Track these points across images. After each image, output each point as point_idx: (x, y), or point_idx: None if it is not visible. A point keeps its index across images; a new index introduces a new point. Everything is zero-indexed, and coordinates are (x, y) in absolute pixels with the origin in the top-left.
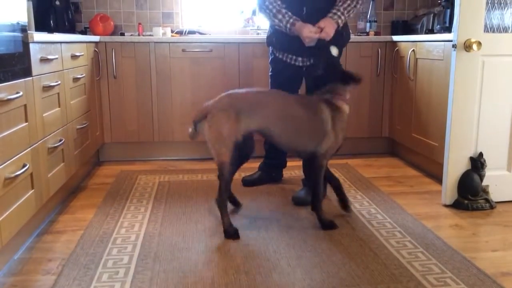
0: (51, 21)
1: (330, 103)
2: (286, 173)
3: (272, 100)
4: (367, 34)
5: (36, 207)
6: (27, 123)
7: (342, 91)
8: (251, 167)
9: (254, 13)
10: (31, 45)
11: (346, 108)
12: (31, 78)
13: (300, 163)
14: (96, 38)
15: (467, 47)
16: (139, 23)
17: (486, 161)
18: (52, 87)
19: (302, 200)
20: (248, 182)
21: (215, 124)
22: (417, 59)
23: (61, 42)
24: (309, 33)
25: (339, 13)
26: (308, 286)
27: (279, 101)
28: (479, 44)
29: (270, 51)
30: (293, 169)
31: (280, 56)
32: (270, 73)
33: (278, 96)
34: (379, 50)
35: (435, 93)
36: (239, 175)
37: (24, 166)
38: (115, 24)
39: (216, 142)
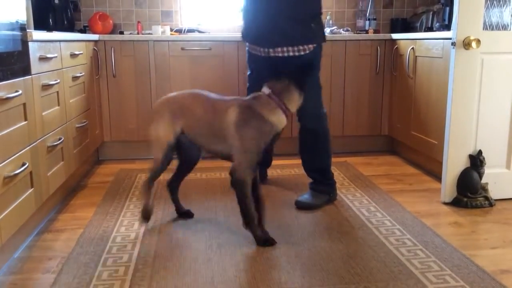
0: (50, 20)
1: (249, 108)
2: (290, 172)
3: (193, 103)
4: (366, 32)
5: (36, 205)
6: (26, 122)
7: (290, 100)
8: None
9: None
10: (30, 44)
11: (273, 118)
12: (30, 76)
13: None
14: (95, 37)
15: (466, 44)
16: (138, 22)
17: (485, 159)
18: (51, 85)
19: (305, 205)
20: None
21: (152, 125)
22: (416, 57)
23: (60, 41)
24: None
25: None
26: (307, 284)
27: (198, 104)
28: (478, 41)
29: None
30: (293, 167)
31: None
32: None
33: (200, 99)
34: (378, 48)
35: (434, 91)
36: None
37: (23, 164)
38: (114, 22)
39: (152, 142)
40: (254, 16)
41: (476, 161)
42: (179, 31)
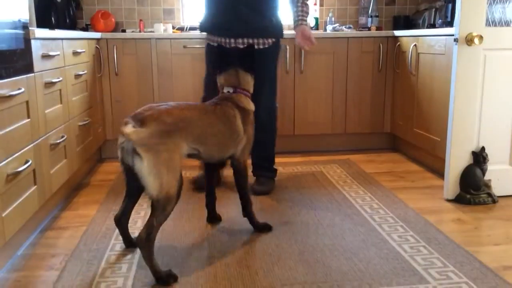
0: (52, 18)
1: (239, 106)
2: (292, 170)
3: (195, 117)
4: (369, 29)
5: (39, 203)
6: (29, 120)
7: (247, 84)
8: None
9: None
10: (32, 42)
11: (252, 107)
12: (33, 74)
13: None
14: (97, 35)
15: (469, 41)
16: (140, 20)
17: (488, 156)
18: (54, 83)
19: (262, 192)
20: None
21: (164, 151)
22: (418, 53)
23: (62, 39)
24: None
25: (306, 19)
26: (310, 280)
27: (201, 116)
28: (480, 38)
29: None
30: (296, 165)
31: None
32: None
33: (198, 111)
34: (381, 45)
35: (437, 88)
36: None
37: (26, 162)
38: (117, 20)
39: (166, 172)
40: (218, 5)
41: (479, 157)
42: (181, 29)
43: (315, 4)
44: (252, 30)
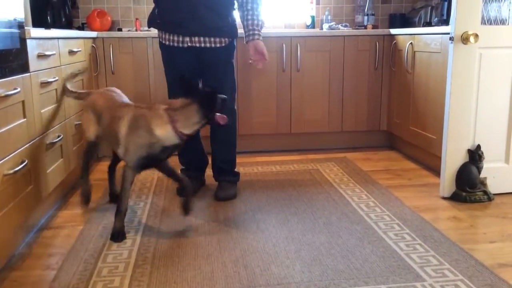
0: (48, 17)
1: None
2: (289, 168)
3: None
4: (365, 27)
5: (36, 202)
6: (25, 119)
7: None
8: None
9: None
10: (28, 41)
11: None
12: (28, 74)
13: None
14: (93, 34)
15: (465, 39)
16: (137, 19)
17: (484, 153)
18: (49, 83)
19: (227, 197)
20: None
21: None
22: (415, 52)
23: (58, 38)
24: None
25: (260, 32)
26: (307, 278)
27: None
28: (476, 36)
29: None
30: (292, 163)
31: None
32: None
33: None
34: (377, 43)
35: (433, 86)
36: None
37: (22, 162)
38: (113, 19)
39: None
40: (172, 2)
41: (475, 155)
42: None
43: (312, 2)
44: (208, 29)
